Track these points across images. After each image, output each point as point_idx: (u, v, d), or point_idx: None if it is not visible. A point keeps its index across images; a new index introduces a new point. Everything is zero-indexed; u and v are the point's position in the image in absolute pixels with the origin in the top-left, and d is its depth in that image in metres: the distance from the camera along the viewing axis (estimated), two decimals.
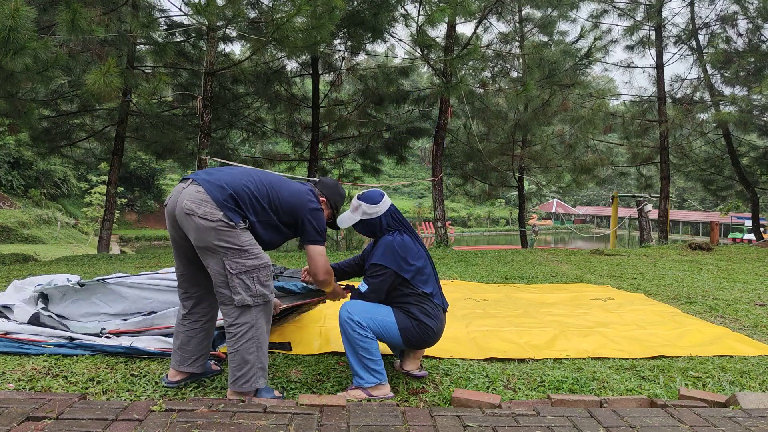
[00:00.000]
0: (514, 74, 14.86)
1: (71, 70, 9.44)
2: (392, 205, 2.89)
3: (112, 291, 3.57)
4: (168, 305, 3.50)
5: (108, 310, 3.55)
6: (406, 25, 12.33)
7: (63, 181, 33.48)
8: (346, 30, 11.97)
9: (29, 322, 3.31)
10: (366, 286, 2.75)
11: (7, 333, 3.19)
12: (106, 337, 3.30)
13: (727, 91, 15.02)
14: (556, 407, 2.51)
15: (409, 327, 2.72)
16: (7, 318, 3.41)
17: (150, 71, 11.81)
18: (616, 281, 6.33)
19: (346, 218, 2.89)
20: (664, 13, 14.87)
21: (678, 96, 15.53)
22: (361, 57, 14.53)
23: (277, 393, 2.62)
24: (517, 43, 15.27)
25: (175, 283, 3.42)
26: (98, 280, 3.57)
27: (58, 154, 14.02)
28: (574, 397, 2.61)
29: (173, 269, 4.56)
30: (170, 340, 3.20)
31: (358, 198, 2.88)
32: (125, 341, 3.19)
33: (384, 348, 3.02)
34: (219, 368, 2.91)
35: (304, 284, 3.19)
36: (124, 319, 3.49)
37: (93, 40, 8.17)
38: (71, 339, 3.18)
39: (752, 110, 14.37)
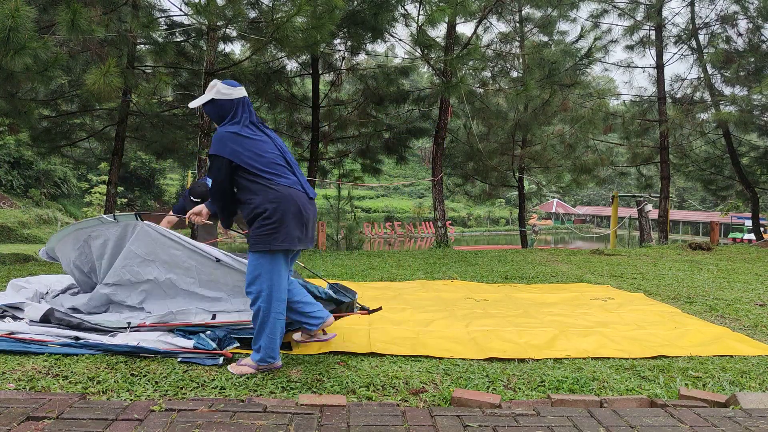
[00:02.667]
0: (514, 74, 14.85)
1: (71, 70, 9.43)
2: (248, 98, 2.99)
3: (144, 237, 3.56)
4: (190, 287, 3.53)
5: (127, 301, 3.55)
6: (406, 25, 12.33)
7: (63, 181, 33.48)
8: (346, 30, 11.96)
9: (41, 320, 3.31)
10: (210, 180, 2.90)
11: (11, 333, 3.18)
12: (134, 330, 3.31)
13: (727, 91, 15.01)
14: (556, 407, 2.51)
15: (261, 233, 2.78)
16: (14, 317, 3.40)
17: (150, 71, 11.80)
18: (616, 281, 6.33)
19: (199, 98, 2.99)
20: (664, 13, 14.86)
21: (678, 96, 15.51)
22: (361, 57, 14.51)
23: None
24: (517, 43, 15.26)
25: (205, 254, 3.50)
26: (136, 215, 3.59)
27: (58, 154, 14.00)
28: (574, 397, 2.61)
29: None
30: (178, 340, 3.19)
31: (216, 80, 2.97)
32: (132, 340, 3.18)
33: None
34: None
35: (327, 291, 3.41)
36: (149, 312, 3.51)
37: (93, 40, 8.16)
38: (77, 339, 3.18)
39: (752, 110, 14.34)
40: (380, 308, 3.35)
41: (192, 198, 5.15)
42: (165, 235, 3.55)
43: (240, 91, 2.93)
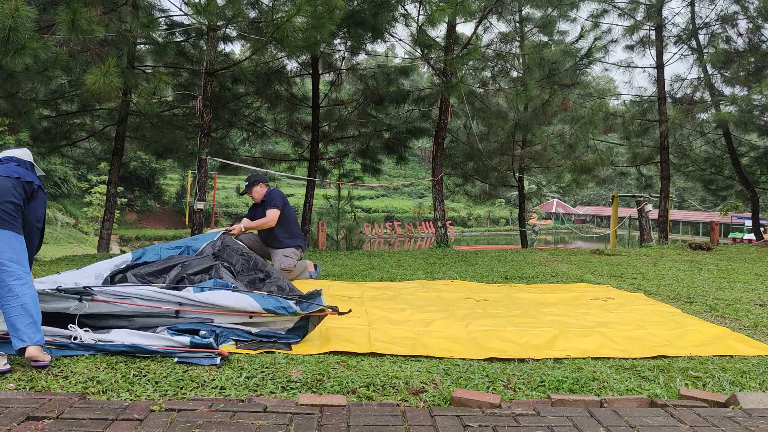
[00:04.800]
0: (514, 74, 14.85)
1: (71, 70, 9.43)
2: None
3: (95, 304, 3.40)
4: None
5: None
6: (406, 25, 12.32)
7: (63, 181, 33.52)
8: (346, 30, 11.96)
9: None
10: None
11: (8, 333, 3.18)
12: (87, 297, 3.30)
13: (727, 90, 15.01)
14: (556, 407, 2.51)
15: None
16: None
17: (150, 71, 11.81)
18: (616, 281, 6.33)
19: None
20: (664, 13, 14.86)
21: (678, 96, 15.51)
22: (361, 57, 14.52)
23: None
24: (517, 43, 15.27)
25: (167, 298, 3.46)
26: (84, 287, 3.40)
27: (58, 153, 14.01)
28: (574, 397, 2.61)
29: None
30: (178, 338, 3.20)
31: None
32: (128, 339, 3.18)
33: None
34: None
35: (294, 308, 3.39)
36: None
37: (93, 40, 8.16)
38: (73, 338, 3.18)
39: (752, 110, 14.35)
40: (350, 311, 3.42)
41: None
42: (120, 294, 3.45)
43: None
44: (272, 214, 5.86)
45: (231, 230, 5.62)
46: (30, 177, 3.19)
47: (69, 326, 3.19)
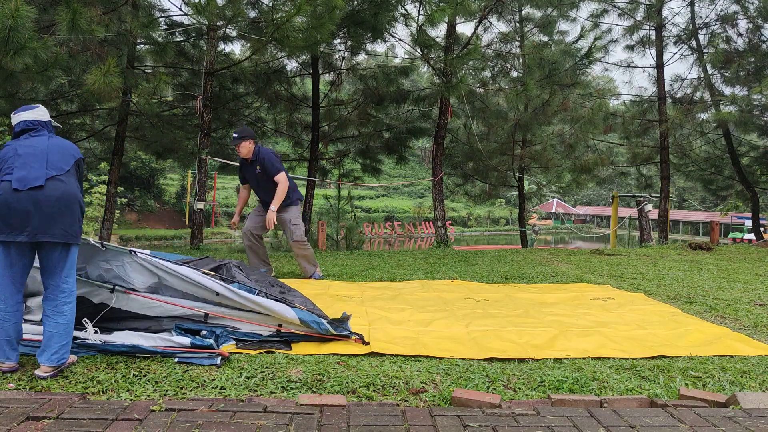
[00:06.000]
0: (514, 74, 14.85)
1: (71, 70, 9.43)
2: (26, 114, 3.18)
3: (136, 266, 3.48)
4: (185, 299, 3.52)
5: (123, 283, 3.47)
6: (406, 25, 12.32)
7: None
8: (346, 30, 11.96)
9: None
10: None
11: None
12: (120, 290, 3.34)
13: (727, 90, 15.02)
14: (556, 407, 2.51)
15: None
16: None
17: (150, 71, 11.80)
18: (616, 281, 6.33)
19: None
20: (664, 13, 14.85)
21: (678, 96, 15.51)
22: (361, 57, 14.52)
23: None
24: (517, 43, 15.27)
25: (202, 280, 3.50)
26: (130, 251, 3.50)
27: None
28: (574, 397, 2.61)
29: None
30: (176, 338, 3.20)
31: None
32: (128, 340, 3.18)
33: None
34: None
35: (327, 326, 3.48)
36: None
37: (93, 40, 8.15)
38: (74, 339, 3.18)
39: (752, 110, 14.35)
40: (368, 344, 3.46)
41: None
42: (160, 267, 3.52)
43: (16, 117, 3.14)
44: (282, 178, 5.84)
45: (268, 221, 5.70)
46: (77, 152, 3.05)
47: (83, 320, 3.17)
